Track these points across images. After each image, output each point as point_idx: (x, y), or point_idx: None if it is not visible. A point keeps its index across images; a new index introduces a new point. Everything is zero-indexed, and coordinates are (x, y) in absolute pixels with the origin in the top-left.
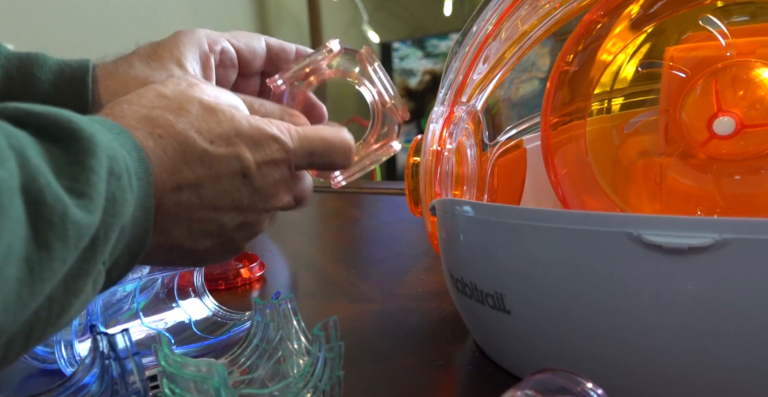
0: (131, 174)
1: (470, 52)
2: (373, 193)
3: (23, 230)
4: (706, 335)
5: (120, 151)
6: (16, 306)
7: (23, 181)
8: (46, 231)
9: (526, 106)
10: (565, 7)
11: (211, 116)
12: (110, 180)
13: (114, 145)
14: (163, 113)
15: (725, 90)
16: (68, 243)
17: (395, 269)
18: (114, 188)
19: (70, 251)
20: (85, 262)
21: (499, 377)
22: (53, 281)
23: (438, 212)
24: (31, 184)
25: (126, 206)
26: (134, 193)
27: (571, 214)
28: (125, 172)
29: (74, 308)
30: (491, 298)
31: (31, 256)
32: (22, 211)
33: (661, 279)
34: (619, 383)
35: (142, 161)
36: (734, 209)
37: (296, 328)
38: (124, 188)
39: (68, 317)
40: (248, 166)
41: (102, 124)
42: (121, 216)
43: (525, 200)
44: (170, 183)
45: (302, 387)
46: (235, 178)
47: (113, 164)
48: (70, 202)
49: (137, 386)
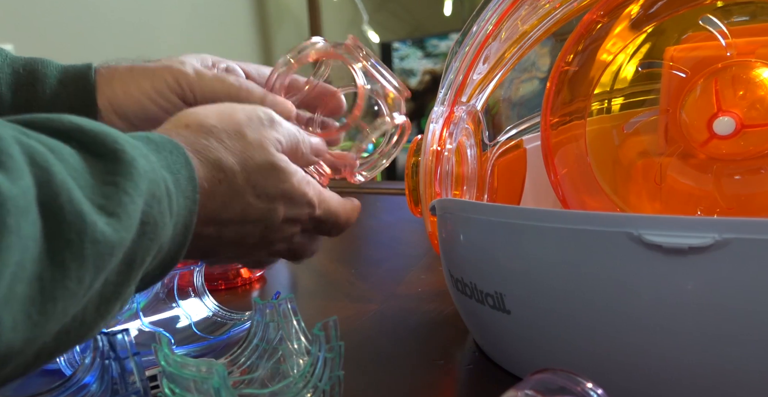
0: (172, 196)
1: (470, 52)
2: (373, 193)
3: (37, 248)
4: (706, 335)
5: (161, 175)
6: (24, 325)
7: (43, 198)
8: (61, 249)
9: (526, 106)
10: (565, 7)
11: (270, 174)
12: (152, 203)
13: (156, 169)
14: (233, 161)
15: (725, 90)
16: (85, 262)
17: (395, 269)
18: (155, 213)
19: (87, 270)
20: (119, 285)
21: (499, 377)
22: (67, 300)
23: (438, 212)
24: (52, 201)
25: (165, 229)
26: (174, 216)
27: (571, 214)
28: (165, 197)
29: (99, 328)
30: (491, 298)
31: (43, 274)
32: (38, 228)
33: (661, 279)
34: (619, 383)
35: (191, 180)
36: (734, 209)
37: (296, 328)
38: (164, 212)
39: (92, 335)
40: (276, 219)
41: (157, 144)
42: (159, 240)
43: (525, 200)
44: (203, 217)
45: (302, 387)
46: (257, 225)
47: (154, 189)
48: (97, 219)
49: (137, 386)
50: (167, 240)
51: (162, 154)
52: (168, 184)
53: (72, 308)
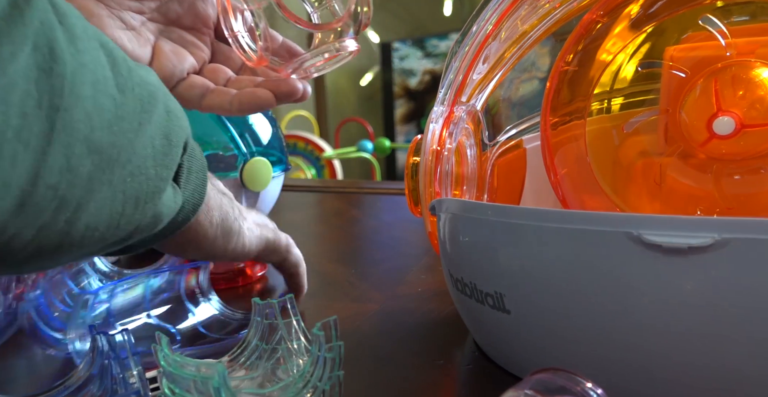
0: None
1: (470, 52)
2: (373, 193)
3: (109, 73)
4: (706, 335)
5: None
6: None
7: (98, 36)
8: (120, 81)
9: (526, 106)
10: (565, 7)
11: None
12: (168, 96)
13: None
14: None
15: (725, 90)
16: (135, 96)
17: (395, 269)
18: (173, 105)
19: (136, 104)
20: (165, 156)
21: (499, 377)
22: (127, 121)
23: (438, 212)
24: (104, 42)
25: (184, 122)
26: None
27: (571, 214)
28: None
29: (162, 197)
30: (491, 298)
31: (115, 96)
32: (104, 58)
33: (661, 279)
34: (619, 383)
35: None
36: (734, 209)
37: (296, 328)
38: (180, 108)
39: (160, 204)
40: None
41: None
42: (182, 129)
43: (525, 200)
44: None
45: (302, 387)
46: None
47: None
48: (133, 65)
49: (137, 386)
50: (197, 163)
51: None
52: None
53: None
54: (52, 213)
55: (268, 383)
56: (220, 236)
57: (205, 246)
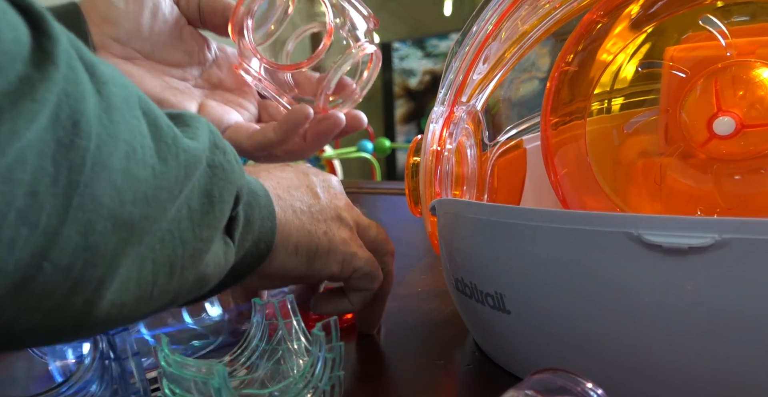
0: (239, 162)
1: (470, 52)
2: (373, 194)
3: (149, 142)
4: (706, 336)
5: (227, 145)
6: (145, 195)
7: (142, 104)
8: (163, 149)
9: (526, 106)
10: (565, 7)
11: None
12: (215, 151)
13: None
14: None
15: (725, 90)
16: (179, 163)
17: (395, 269)
18: (220, 159)
19: (180, 172)
20: (206, 215)
21: (499, 377)
22: (167, 191)
23: (438, 212)
24: (148, 109)
25: (234, 174)
26: (242, 170)
27: (571, 214)
28: (231, 153)
29: (204, 259)
30: (491, 298)
31: (155, 165)
32: (146, 127)
33: (660, 279)
34: (619, 383)
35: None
36: (734, 209)
37: (296, 328)
38: (231, 161)
39: (203, 265)
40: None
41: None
42: (230, 182)
43: (525, 200)
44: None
45: (302, 387)
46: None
47: (216, 139)
48: (178, 132)
49: (137, 387)
50: (259, 209)
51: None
52: (235, 153)
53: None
54: (64, 295)
55: (269, 383)
56: (304, 262)
57: (293, 276)
